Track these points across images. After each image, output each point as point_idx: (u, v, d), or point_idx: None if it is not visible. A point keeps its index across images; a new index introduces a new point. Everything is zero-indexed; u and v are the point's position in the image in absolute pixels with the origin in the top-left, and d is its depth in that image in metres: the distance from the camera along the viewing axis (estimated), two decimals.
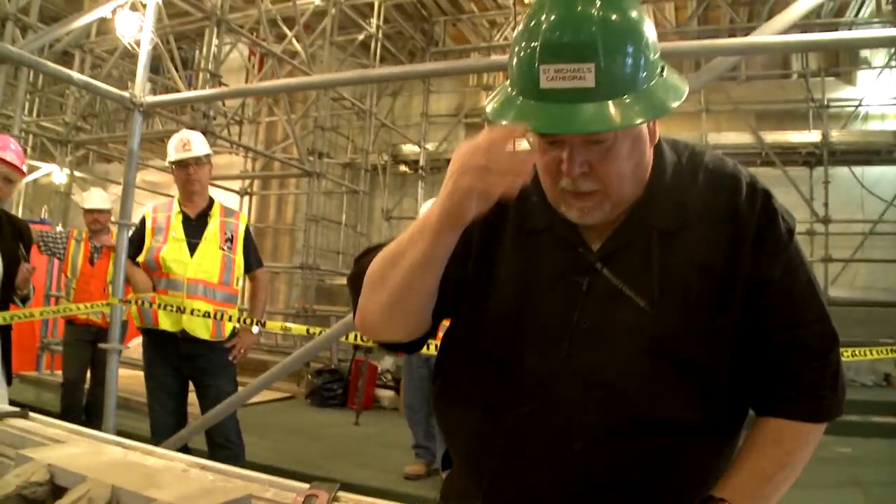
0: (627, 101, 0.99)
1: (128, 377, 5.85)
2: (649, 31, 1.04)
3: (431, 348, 1.71)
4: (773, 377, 1.14)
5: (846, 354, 3.75)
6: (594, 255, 1.17)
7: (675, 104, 1.02)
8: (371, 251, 1.28)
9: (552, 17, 0.99)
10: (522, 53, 1.02)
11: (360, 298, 1.23)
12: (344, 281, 11.47)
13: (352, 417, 6.87)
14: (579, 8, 0.99)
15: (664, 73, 1.06)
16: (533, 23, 1.01)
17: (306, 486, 1.30)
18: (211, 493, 1.26)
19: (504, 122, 1.02)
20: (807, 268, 1.16)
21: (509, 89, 1.07)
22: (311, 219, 9.95)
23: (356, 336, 3.58)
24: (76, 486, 1.26)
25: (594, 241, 1.18)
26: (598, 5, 0.99)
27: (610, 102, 0.98)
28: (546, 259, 1.19)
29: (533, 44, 1.00)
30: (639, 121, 1.01)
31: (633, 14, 1.02)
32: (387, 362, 8.18)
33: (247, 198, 11.59)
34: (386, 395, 7.95)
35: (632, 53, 1.00)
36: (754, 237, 1.12)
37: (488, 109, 1.08)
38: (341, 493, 1.28)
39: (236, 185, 11.34)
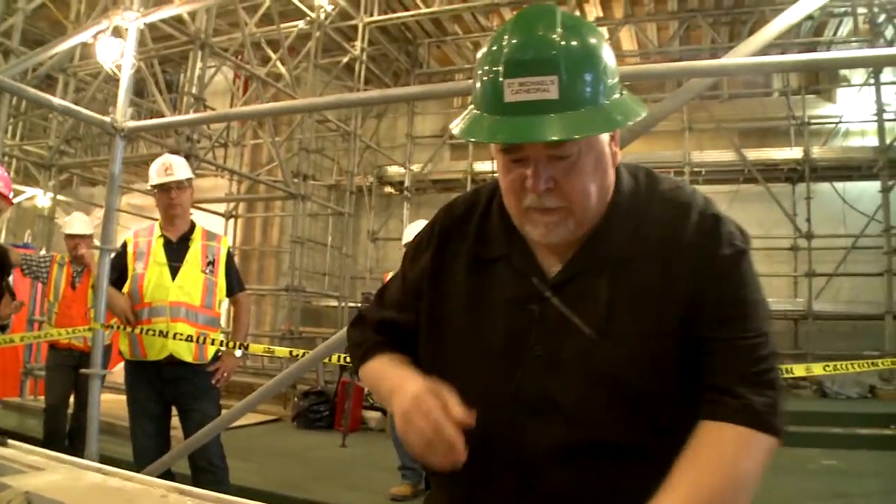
0: (588, 114, 1.02)
1: (112, 402, 5.81)
2: (608, 56, 1.07)
3: None
4: (712, 386, 1.10)
5: (829, 368, 3.77)
6: (545, 284, 1.18)
7: (634, 121, 1.06)
8: (359, 323, 1.44)
9: (515, 40, 1.04)
10: (487, 73, 1.06)
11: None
12: (330, 302, 11.57)
13: (339, 439, 6.84)
14: (541, 32, 1.03)
15: (623, 95, 1.10)
16: (496, 46, 1.05)
17: None
18: None
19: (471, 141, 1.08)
20: (752, 289, 1.14)
21: (475, 110, 1.10)
22: (296, 241, 9.93)
23: (340, 357, 3.57)
24: None
25: (553, 267, 1.20)
26: (559, 31, 1.03)
27: (571, 114, 1.01)
28: (503, 286, 1.22)
29: (497, 61, 1.04)
30: (600, 131, 1.05)
31: (593, 41, 1.06)
32: None
33: (232, 220, 11.57)
34: (373, 416, 7.91)
35: (592, 75, 1.04)
36: (698, 261, 1.12)
37: (456, 131, 1.11)
38: None
39: (221, 207, 11.33)
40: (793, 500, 5.21)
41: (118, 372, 5.88)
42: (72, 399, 5.53)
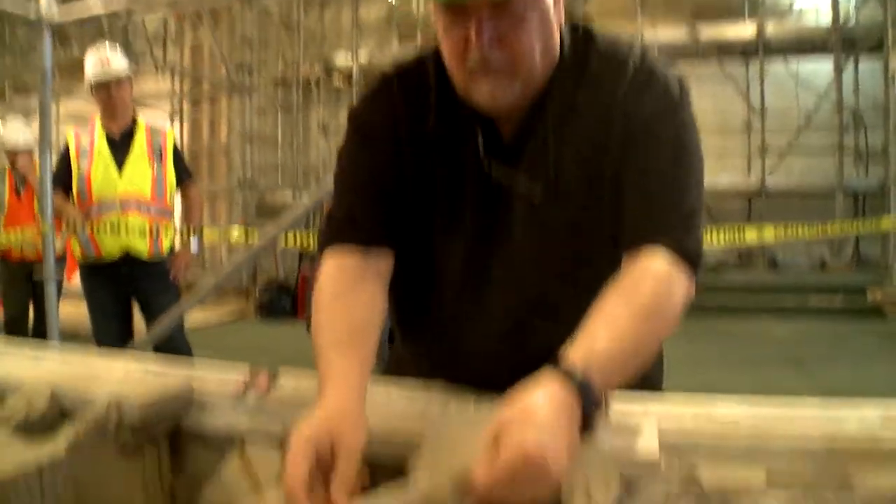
0: None
1: (74, 312, 5.73)
2: None
3: None
4: (634, 230, 1.08)
5: (781, 234, 3.85)
6: (490, 151, 1.16)
7: None
8: (327, 235, 1.20)
9: None
10: None
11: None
12: (285, 198, 11.38)
13: (303, 328, 6.85)
14: None
15: None
16: None
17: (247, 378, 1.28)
18: (151, 385, 1.23)
19: None
20: (681, 141, 1.11)
21: None
22: (245, 136, 9.69)
23: (297, 241, 3.53)
24: (15, 392, 1.22)
25: (506, 136, 1.17)
26: None
27: None
28: (468, 158, 1.17)
29: None
30: None
31: None
32: None
33: (178, 121, 11.24)
34: None
35: None
36: (629, 116, 1.10)
37: None
38: (282, 372, 1.27)
39: (166, 109, 10.96)
40: (747, 365, 5.41)
41: (78, 282, 5.80)
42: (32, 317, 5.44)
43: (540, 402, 0.82)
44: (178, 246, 3.86)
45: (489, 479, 0.77)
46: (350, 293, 1.12)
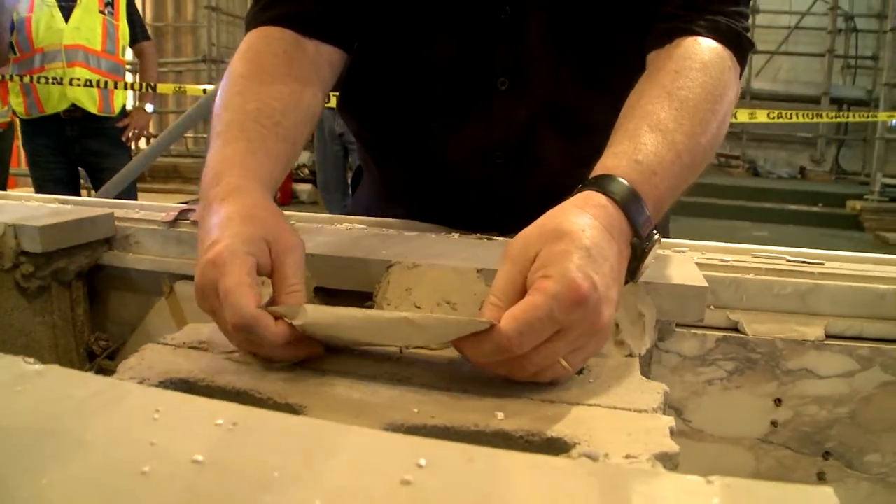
0: None
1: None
2: None
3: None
4: (668, 10, 0.84)
5: (773, 115, 3.69)
6: None
7: None
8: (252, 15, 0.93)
9: None
10: None
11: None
12: None
13: None
14: None
15: None
16: None
17: (183, 205, 1.07)
18: (61, 214, 1.02)
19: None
20: None
21: None
22: (211, 8, 9.22)
23: None
24: None
25: None
26: None
27: None
28: None
29: None
30: None
31: None
32: (303, 157, 7.91)
33: None
34: (304, 188, 7.83)
35: None
36: None
37: None
38: None
39: None
40: None
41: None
42: None
43: (582, 219, 0.57)
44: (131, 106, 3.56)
45: (519, 321, 0.51)
46: (269, 72, 0.80)
